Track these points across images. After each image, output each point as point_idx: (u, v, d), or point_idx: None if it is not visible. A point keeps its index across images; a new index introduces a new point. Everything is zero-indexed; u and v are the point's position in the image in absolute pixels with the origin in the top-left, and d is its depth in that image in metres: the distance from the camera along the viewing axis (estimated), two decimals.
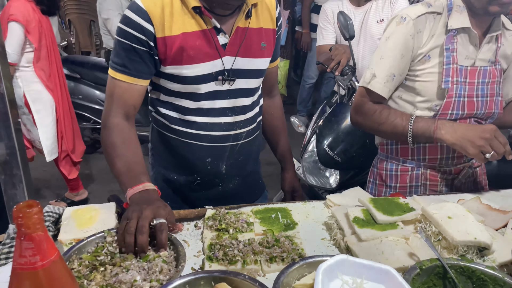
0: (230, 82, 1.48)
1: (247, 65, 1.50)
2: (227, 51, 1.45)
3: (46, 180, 4.33)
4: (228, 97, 1.52)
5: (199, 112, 1.51)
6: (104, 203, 1.38)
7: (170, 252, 1.13)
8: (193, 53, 1.40)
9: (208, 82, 1.46)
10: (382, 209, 1.29)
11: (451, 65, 1.55)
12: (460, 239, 1.12)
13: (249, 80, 1.53)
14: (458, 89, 1.57)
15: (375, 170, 1.85)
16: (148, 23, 1.34)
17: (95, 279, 1.02)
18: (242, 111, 1.57)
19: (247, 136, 1.63)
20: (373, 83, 1.63)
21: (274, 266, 1.16)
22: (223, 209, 1.39)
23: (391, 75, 1.60)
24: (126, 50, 1.38)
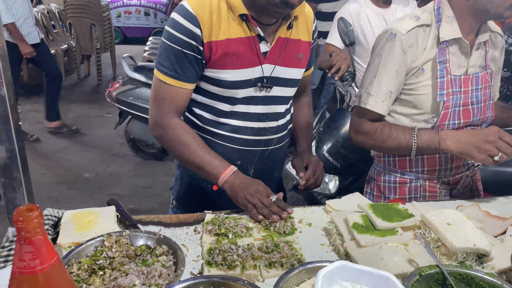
0: (267, 89, 1.52)
1: (285, 74, 1.54)
2: (267, 59, 1.49)
3: (43, 186, 4.32)
4: (264, 103, 1.55)
5: (233, 115, 1.54)
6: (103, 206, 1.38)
7: (169, 256, 1.13)
8: (235, 58, 1.43)
9: (247, 87, 1.49)
10: (382, 215, 1.29)
11: (445, 77, 1.54)
12: (459, 246, 1.12)
13: (284, 88, 1.57)
14: (454, 100, 1.57)
15: (373, 182, 1.84)
16: (197, 28, 1.38)
17: (94, 283, 1.02)
18: (275, 118, 1.60)
19: (277, 142, 1.66)
20: (371, 104, 1.61)
21: (273, 272, 1.16)
22: (223, 214, 1.39)
23: (388, 92, 1.60)
24: (176, 55, 1.42)
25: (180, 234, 1.34)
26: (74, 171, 4.60)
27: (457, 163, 1.69)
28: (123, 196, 4.15)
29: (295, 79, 1.59)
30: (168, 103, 1.47)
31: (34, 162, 4.72)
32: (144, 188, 4.32)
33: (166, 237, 1.19)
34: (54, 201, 4.06)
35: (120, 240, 1.17)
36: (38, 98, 6.94)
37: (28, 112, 6.36)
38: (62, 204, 4.00)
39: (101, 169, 4.67)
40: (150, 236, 1.20)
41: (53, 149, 5.11)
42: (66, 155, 4.97)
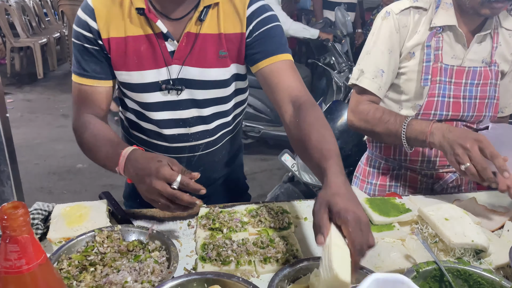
0: (177, 92, 1.38)
1: (199, 75, 1.36)
2: (175, 59, 1.34)
3: (35, 177, 4.27)
4: (180, 108, 1.41)
5: (151, 121, 1.44)
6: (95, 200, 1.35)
7: (162, 252, 1.11)
8: (136, 59, 1.32)
9: (154, 91, 1.37)
10: (378, 210, 1.27)
11: (431, 62, 1.51)
12: (457, 241, 1.11)
13: (203, 91, 1.39)
14: (441, 89, 1.53)
15: (361, 166, 1.86)
16: (93, 21, 1.29)
17: (84, 280, 1.00)
18: (198, 122, 1.45)
19: (206, 147, 1.53)
20: (361, 79, 1.59)
21: (268, 267, 1.14)
22: (217, 208, 1.36)
23: (379, 70, 1.56)
24: (80, 51, 1.33)
25: (173, 229, 1.32)
26: (67, 161, 4.56)
27: (441, 158, 1.64)
28: (116, 187, 4.12)
29: (216, 81, 1.39)
30: (81, 104, 1.36)
31: (26, 153, 4.67)
32: None
33: (159, 232, 1.16)
34: (46, 192, 4.02)
35: (111, 235, 1.14)
36: (30, 87, 6.87)
37: (20, 101, 6.28)
38: (54, 195, 3.97)
39: None
40: (143, 231, 1.17)
41: (46, 140, 5.05)
42: (58, 145, 4.92)
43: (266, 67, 1.35)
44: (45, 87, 6.91)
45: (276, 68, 1.34)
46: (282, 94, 1.31)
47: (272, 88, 1.34)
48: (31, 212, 1.23)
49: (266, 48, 1.36)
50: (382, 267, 1.08)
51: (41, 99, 6.42)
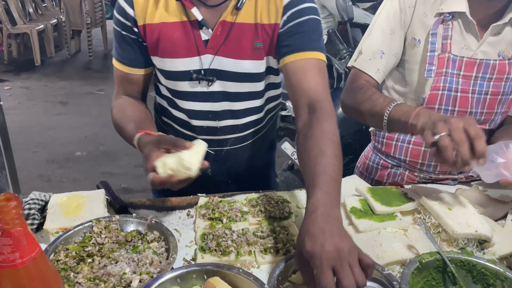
0: (208, 83, 1.34)
1: (232, 67, 1.31)
2: (209, 48, 1.30)
3: (34, 165, 4.25)
4: (211, 100, 1.38)
5: (181, 110, 1.42)
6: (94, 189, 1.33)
7: (161, 243, 1.09)
8: (170, 46, 1.29)
9: (186, 80, 1.35)
10: (380, 200, 1.25)
11: (435, 52, 1.39)
12: (460, 231, 1.09)
13: (236, 83, 1.35)
14: (447, 82, 1.43)
15: (363, 157, 1.80)
16: (131, 8, 1.27)
17: (82, 271, 0.98)
18: (229, 116, 1.42)
19: (235, 142, 1.48)
20: (358, 60, 1.49)
21: (268, 258, 1.12)
22: (216, 197, 1.34)
23: (379, 51, 1.45)
24: (117, 37, 1.34)
25: (172, 219, 1.30)
26: (66, 149, 4.54)
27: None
28: (115, 175, 4.11)
29: (248, 73, 1.33)
30: (118, 85, 1.40)
31: (24, 141, 4.65)
32: (137, 167, 4.27)
33: (157, 222, 1.14)
34: (45, 180, 4.01)
35: (109, 226, 1.12)
36: (28, 74, 6.81)
37: (18, 89, 6.23)
38: (53, 183, 3.96)
39: (93, 147, 4.60)
40: (141, 222, 1.15)
41: (44, 127, 5.02)
42: (57, 133, 4.89)
43: (291, 63, 1.25)
44: (42, 74, 6.85)
45: (301, 66, 1.24)
46: (300, 95, 1.22)
47: (293, 87, 1.25)
48: (27, 202, 1.21)
49: (295, 42, 1.26)
50: (384, 258, 1.07)
51: (39, 86, 6.36)
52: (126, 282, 0.96)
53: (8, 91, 6.10)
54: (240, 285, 0.94)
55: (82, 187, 3.87)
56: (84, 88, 6.33)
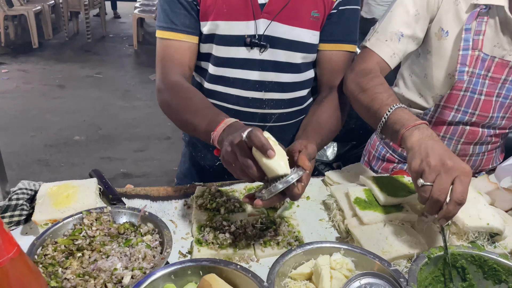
0: (261, 50, 1.30)
1: (287, 34, 1.28)
2: (265, 13, 1.26)
3: (32, 149, 4.20)
4: (259, 68, 1.33)
5: (226, 81, 1.35)
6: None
7: (155, 236, 1.04)
8: (226, 8, 1.25)
9: (238, 45, 1.30)
10: (386, 190, 1.19)
11: (469, 50, 1.24)
12: (471, 224, 1.03)
13: (288, 52, 1.31)
14: (472, 83, 1.29)
15: (369, 146, 1.72)
16: None
17: (71, 266, 0.93)
18: (275, 88, 1.36)
19: (279, 119, 1.41)
20: (372, 41, 1.32)
21: (268, 251, 1.07)
22: (214, 186, 1.28)
23: (398, 33, 1.29)
24: (169, 3, 1.27)
25: (168, 209, 1.24)
26: (64, 133, 4.48)
27: None
28: (114, 160, 4.06)
29: (303, 43, 1.30)
30: (169, 61, 1.30)
31: (22, 124, 4.59)
32: (137, 151, 4.22)
33: (151, 214, 1.08)
34: (43, 164, 3.96)
35: (101, 218, 1.07)
36: (25, 57, 6.71)
37: (15, 72, 6.14)
38: (51, 167, 3.91)
39: (92, 131, 4.54)
40: (134, 213, 1.10)
41: (42, 111, 4.95)
42: (55, 117, 4.83)
43: (327, 52, 1.35)
44: (40, 57, 6.75)
45: (335, 57, 1.35)
46: (327, 79, 1.38)
47: (322, 71, 1.38)
48: (15, 192, 1.15)
49: (338, 32, 1.33)
50: (390, 252, 1.01)
51: (37, 69, 6.27)
52: (117, 278, 0.90)
53: (6, 74, 6.01)
54: (238, 283, 0.89)
55: (80, 172, 3.82)
56: (82, 71, 6.24)
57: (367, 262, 0.96)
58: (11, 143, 4.22)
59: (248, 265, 1.04)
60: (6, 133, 4.40)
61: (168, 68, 1.29)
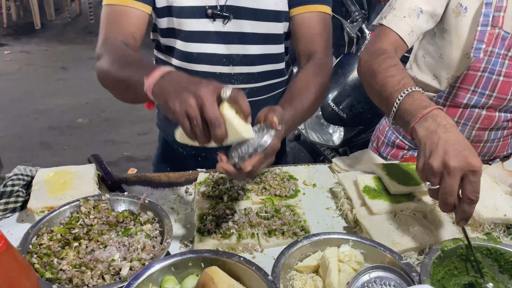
0: (224, 21, 1.23)
1: (250, 2, 1.23)
2: None
3: (35, 132, 4.17)
4: (225, 41, 1.26)
5: (190, 56, 1.28)
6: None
7: (155, 225, 0.99)
8: None
9: (199, 17, 1.22)
10: (396, 178, 1.14)
11: (488, 27, 1.17)
12: (488, 216, 0.98)
13: (254, 22, 1.25)
14: (490, 63, 1.23)
15: (378, 131, 1.65)
16: None
17: (67, 257, 0.89)
18: (243, 62, 1.29)
19: (250, 95, 1.31)
20: (390, 18, 1.24)
21: (273, 241, 1.03)
22: (217, 173, 1.24)
23: (417, 9, 1.21)
24: None
25: (169, 196, 1.20)
26: (67, 116, 4.44)
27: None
28: (117, 143, 4.02)
29: (268, 10, 1.24)
30: (110, 27, 1.16)
31: (25, 107, 4.55)
32: (140, 135, 4.17)
33: (151, 202, 1.04)
34: (46, 147, 3.93)
35: (99, 205, 1.02)
36: (27, 38, 6.64)
37: (18, 53, 6.08)
38: (55, 150, 3.88)
39: (95, 114, 4.49)
40: (134, 201, 1.05)
41: (45, 93, 4.90)
42: (58, 99, 4.78)
43: (299, 15, 1.28)
44: (42, 38, 6.67)
45: (309, 18, 1.27)
46: (303, 47, 1.29)
47: (298, 39, 1.30)
48: (10, 178, 1.11)
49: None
50: (401, 243, 0.97)
51: (39, 51, 6.21)
52: (115, 269, 0.86)
53: (8, 56, 5.95)
54: (241, 275, 0.84)
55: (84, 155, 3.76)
56: (85, 53, 6.16)
57: (377, 254, 0.91)
58: (13, 125, 4.19)
59: (252, 256, 1.00)
60: (8, 115, 4.37)
61: (110, 34, 1.16)
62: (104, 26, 1.18)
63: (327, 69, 1.26)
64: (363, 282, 0.85)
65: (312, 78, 1.20)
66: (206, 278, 0.79)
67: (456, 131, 0.91)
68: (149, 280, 0.82)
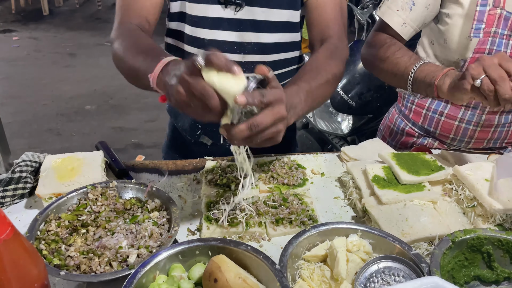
0: (236, 8, 1.20)
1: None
2: None
3: (44, 118, 4.18)
4: (237, 29, 1.23)
5: (200, 42, 1.25)
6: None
7: (162, 212, 0.99)
8: None
9: (213, 3, 1.20)
10: (407, 167, 1.12)
11: (487, 7, 1.19)
12: (499, 207, 0.96)
13: (267, 10, 1.22)
14: (495, 44, 1.22)
15: (387, 120, 1.63)
16: None
17: (74, 243, 0.89)
18: (255, 50, 1.26)
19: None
20: (383, 10, 1.31)
21: (280, 230, 1.02)
22: (225, 161, 1.23)
23: (409, 1, 1.26)
24: None
25: (177, 184, 1.19)
26: (75, 102, 4.45)
27: (477, 139, 1.40)
28: (125, 129, 4.02)
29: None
30: (125, 10, 1.15)
31: (33, 93, 4.56)
32: (148, 122, 4.17)
33: (159, 189, 1.04)
34: (55, 133, 3.95)
35: (106, 192, 1.02)
36: (36, 25, 6.64)
37: (26, 39, 6.08)
38: (63, 137, 3.90)
39: (103, 101, 4.50)
40: (141, 188, 1.05)
41: (53, 80, 4.91)
42: (66, 85, 4.79)
43: (313, 0, 1.22)
44: (51, 24, 6.67)
45: (323, 3, 1.22)
46: (317, 32, 1.24)
47: (311, 24, 1.25)
48: (18, 164, 1.11)
49: None
50: (411, 234, 0.95)
51: (47, 37, 6.20)
52: (123, 257, 0.86)
53: (17, 42, 5.96)
54: (248, 264, 0.84)
55: (92, 141, 3.78)
56: (93, 39, 6.15)
57: (385, 244, 0.90)
58: (22, 111, 4.21)
59: (259, 244, 0.99)
60: (17, 101, 4.39)
61: (124, 18, 1.15)
62: (119, 10, 1.17)
63: (342, 55, 1.20)
64: (372, 272, 0.84)
65: (324, 61, 1.14)
66: (213, 266, 0.78)
67: None
68: (156, 268, 0.81)
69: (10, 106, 4.30)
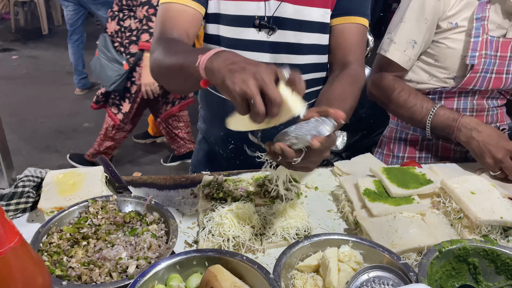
0: (269, 32, 1.27)
1: (296, 14, 1.25)
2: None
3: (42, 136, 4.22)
4: (270, 50, 1.29)
5: None
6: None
7: (160, 225, 1.02)
8: None
9: (248, 27, 1.26)
10: (397, 181, 1.16)
11: (480, 37, 1.35)
12: (484, 218, 1.00)
13: (298, 33, 1.27)
14: (485, 64, 1.39)
15: (385, 140, 1.71)
16: None
17: (76, 255, 0.92)
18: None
19: None
20: (392, 51, 1.46)
21: (275, 241, 1.05)
22: (221, 176, 1.27)
23: (411, 41, 1.42)
24: None
25: (175, 198, 1.23)
26: (73, 120, 4.49)
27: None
28: (123, 147, 4.05)
29: (314, 22, 1.27)
30: (167, 23, 1.19)
31: (32, 111, 4.61)
32: None
33: (157, 203, 1.07)
34: (53, 151, 3.98)
35: (106, 206, 1.06)
36: (35, 44, 6.72)
37: (25, 58, 6.16)
38: (61, 154, 3.92)
39: (101, 119, 4.52)
40: (140, 202, 1.08)
41: (52, 98, 4.96)
42: (64, 103, 4.84)
43: (339, 26, 1.29)
44: (50, 43, 6.75)
45: (349, 29, 1.29)
46: (340, 56, 1.31)
47: (335, 48, 1.32)
48: (21, 179, 1.15)
49: (349, 5, 1.28)
50: (400, 245, 0.99)
51: (46, 56, 6.28)
52: (122, 267, 0.89)
53: (16, 61, 6.03)
54: (243, 274, 0.87)
55: None
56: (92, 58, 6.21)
57: (376, 255, 0.94)
58: (21, 129, 4.24)
59: (254, 256, 1.03)
60: (16, 120, 4.42)
61: (166, 30, 1.19)
62: (160, 24, 1.21)
63: (361, 81, 1.28)
64: (362, 282, 0.88)
65: (349, 87, 1.21)
66: (210, 276, 0.82)
67: (484, 128, 1.33)
68: (154, 278, 0.85)
69: (8, 123, 4.33)
